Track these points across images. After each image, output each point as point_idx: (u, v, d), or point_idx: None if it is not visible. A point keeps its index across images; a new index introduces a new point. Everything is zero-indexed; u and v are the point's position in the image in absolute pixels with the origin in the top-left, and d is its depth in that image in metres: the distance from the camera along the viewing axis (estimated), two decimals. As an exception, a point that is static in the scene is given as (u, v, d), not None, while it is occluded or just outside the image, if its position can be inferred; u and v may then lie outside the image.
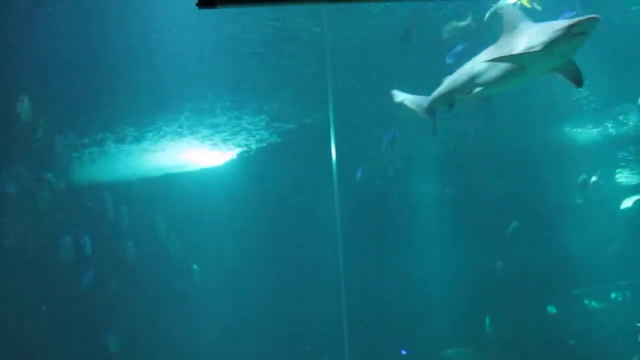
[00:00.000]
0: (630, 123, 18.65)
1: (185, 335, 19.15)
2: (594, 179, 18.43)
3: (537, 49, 9.19)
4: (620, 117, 18.36)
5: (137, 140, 17.58)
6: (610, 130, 18.91)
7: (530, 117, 17.76)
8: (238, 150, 18.73)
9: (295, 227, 19.72)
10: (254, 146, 18.61)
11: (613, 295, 20.38)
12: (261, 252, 19.67)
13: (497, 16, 10.71)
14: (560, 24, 9.07)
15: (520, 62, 9.59)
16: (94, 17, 13.88)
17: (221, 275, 19.29)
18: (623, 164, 20.22)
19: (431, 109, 11.29)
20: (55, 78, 15.07)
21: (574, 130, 18.99)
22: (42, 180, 17.05)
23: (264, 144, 18.56)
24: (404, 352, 19.63)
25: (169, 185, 19.01)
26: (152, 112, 16.66)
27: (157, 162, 18.57)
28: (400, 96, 11.79)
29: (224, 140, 18.18)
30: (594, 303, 20.18)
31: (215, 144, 18.23)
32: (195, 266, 19.19)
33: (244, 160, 18.98)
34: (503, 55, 9.64)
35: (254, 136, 18.20)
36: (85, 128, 16.93)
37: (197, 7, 3.74)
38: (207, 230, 19.14)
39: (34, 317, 17.71)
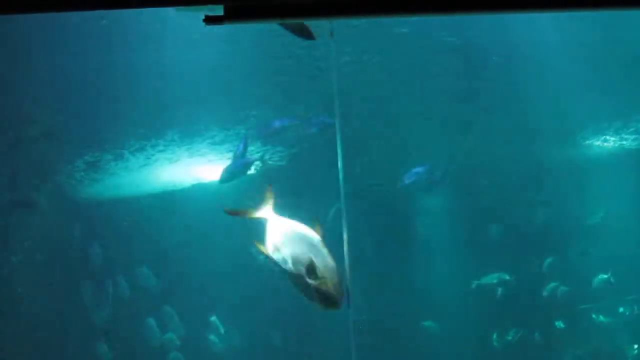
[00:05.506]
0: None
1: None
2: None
3: None
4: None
5: (146, 153, 17.68)
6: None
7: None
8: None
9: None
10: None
11: (621, 309, 20.30)
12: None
13: None
14: None
15: None
16: (98, 33, 14.05)
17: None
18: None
19: None
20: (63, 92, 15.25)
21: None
22: None
23: (274, 160, 18.61)
24: None
25: (180, 201, 18.97)
26: (162, 126, 16.79)
27: (166, 176, 18.62)
28: None
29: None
30: (601, 317, 20.11)
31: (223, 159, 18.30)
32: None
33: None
34: None
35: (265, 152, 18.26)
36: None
37: (204, 23, 3.80)
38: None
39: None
